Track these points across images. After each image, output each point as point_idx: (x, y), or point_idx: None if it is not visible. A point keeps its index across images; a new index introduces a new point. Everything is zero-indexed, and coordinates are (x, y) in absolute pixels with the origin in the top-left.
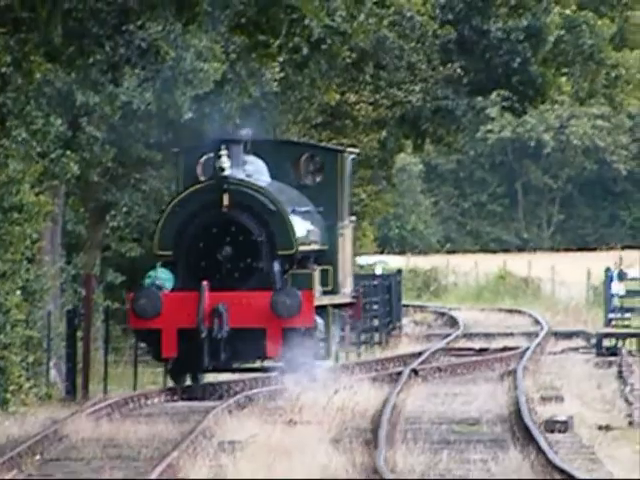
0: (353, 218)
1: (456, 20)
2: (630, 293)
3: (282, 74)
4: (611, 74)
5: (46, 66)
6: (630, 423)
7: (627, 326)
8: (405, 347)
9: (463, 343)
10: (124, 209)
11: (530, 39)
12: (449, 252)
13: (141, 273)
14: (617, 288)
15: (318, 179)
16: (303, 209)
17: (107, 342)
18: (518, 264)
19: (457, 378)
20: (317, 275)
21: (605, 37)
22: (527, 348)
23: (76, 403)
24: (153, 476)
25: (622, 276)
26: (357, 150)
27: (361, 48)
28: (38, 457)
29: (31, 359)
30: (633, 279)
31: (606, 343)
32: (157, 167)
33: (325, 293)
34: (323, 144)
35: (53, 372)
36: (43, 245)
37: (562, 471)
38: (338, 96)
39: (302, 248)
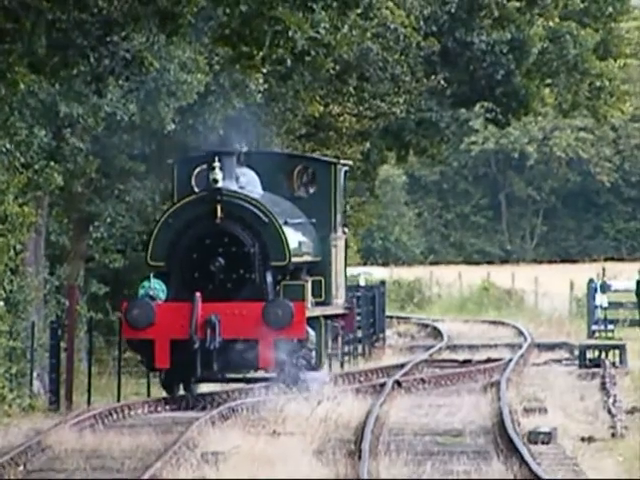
0: (346, 230)
1: (440, 32)
2: (613, 305)
3: (266, 85)
4: (595, 84)
5: (30, 77)
6: (613, 435)
7: (610, 338)
8: (388, 358)
9: (447, 355)
10: (108, 220)
11: (514, 51)
12: (432, 263)
13: (125, 284)
14: (600, 300)
15: (311, 191)
16: (296, 221)
17: (91, 353)
18: (501, 276)
19: (440, 389)
20: (309, 286)
21: (589, 47)
22: (510, 360)
23: (60, 414)
24: None
25: (605, 288)
26: (350, 162)
27: (345, 60)
28: (21, 468)
29: (14, 370)
30: (616, 291)
31: (589, 355)
32: (141, 178)
33: (318, 304)
34: (316, 156)
35: (37, 383)
36: (26, 256)
37: None
38: (322, 108)
39: (294, 259)
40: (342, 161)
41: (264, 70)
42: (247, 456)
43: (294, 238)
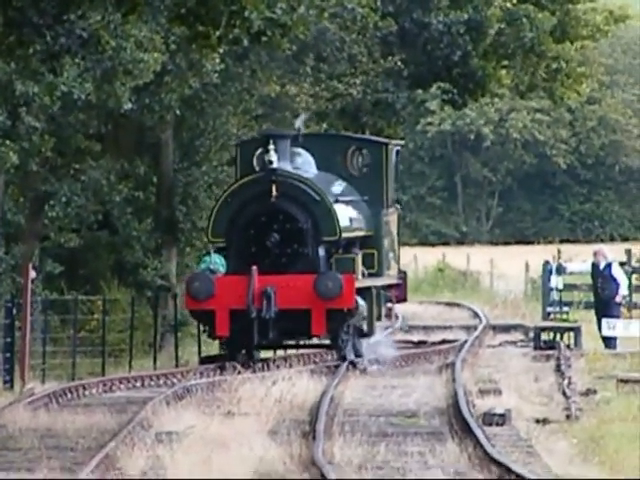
0: (398, 206)
1: (397, 12)
2: (568, 287)
3: (222, 65)
4: (551, 66)
5: None
6: (567, 416)
7: (565, 320)
8: None
9: (402, 336)
10: (63, 199)
11: (471, 32)
12: None
13: (80, 263)
14: (555, 282)
15: (364, 169)
16: (348, 198)
17: (45, 332)
18: (457, 257)
19: (395, 371)
20: (360, 259)
21: (546, 30)
22: (465, 341)
23: (14, 393)
24: (92, 465)
25: (560, 270)
26: (402, 142)
27: (302, 40)
28: None
29: None
30: (572, 273)
31: (544, 337)
32: (97, 158)
33: (370, 275)
34: (369, 137)
35: None
36: None
37: (499, 464)
38: (278, 88)
39: (345, 234)
40: (394, 141)
41: (220, 50)
42: (201, 436)
43: (345, 214)
